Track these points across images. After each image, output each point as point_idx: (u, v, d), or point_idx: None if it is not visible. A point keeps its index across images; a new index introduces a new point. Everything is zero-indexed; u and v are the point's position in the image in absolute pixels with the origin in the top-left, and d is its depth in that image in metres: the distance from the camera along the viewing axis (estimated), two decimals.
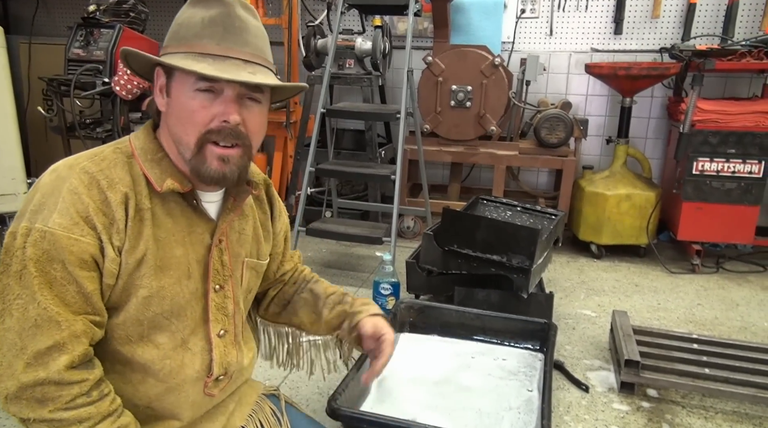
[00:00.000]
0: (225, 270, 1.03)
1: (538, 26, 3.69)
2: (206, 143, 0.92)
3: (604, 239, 3.27)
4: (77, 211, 0.86)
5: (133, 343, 0.94)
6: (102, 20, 3.39)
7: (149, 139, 0.98)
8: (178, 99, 0.92)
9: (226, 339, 1.04)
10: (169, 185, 0.94)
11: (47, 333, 0.84)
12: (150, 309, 0.93)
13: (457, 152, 3.49)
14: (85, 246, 0.86)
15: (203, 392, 1.03)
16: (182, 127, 0.92)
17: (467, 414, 1.77)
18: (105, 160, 0.92)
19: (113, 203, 0.89)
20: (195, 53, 0.90)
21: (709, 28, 3.43)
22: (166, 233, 0.95)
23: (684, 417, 1.90)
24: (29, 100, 4.03)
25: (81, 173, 0.89)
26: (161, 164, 0.95)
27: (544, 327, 2.12)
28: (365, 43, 3.39)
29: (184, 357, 0.99)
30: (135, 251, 0.91)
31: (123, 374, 0.96)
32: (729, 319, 2.62)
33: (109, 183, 0.90)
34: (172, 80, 0.93)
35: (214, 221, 1.02)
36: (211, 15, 0.91)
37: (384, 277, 2.54)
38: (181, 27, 0.93)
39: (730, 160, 2.98)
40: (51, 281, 0.85)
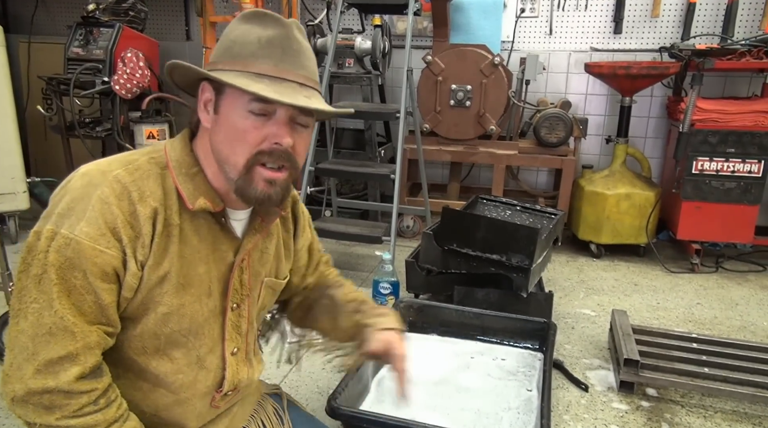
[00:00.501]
0: (243, 290, 1.02)
1: (537, 25, 3.69)
2: (255, 165, 0.90)
3: (603, 238, 3.27)
4: (105, 221, 0.84)
5: (148, 355, 0.94)
6: (101, 19, 3.39)
7: (185, 151, 0.95)
8: (228, 117, 0.89)
9: (239, 357, 1.05)
10: (201, 204, 0.92)
11: (61, 342, 0.83)
12: (168, 326, 0.93)
13: (456, 151, 3.49)
14: (108, 258, 0.85)
15: (210, 405, 1.04)
16: (231, 146, 0.90)
17: (466, 414, 1.77)
18: (139, 170, 0.90)
19: (141, 217, 0.87)
20: (251, 73, 0.88)
21: (709, 28, 3.43)
22: (191, 250, 0.93)
23: (683, 416, 1.90)
24: (29, 99, 4.02)
25: (114, 181, 0.86)
26: (195, 180, 0.93)
27: (543, 326, 2.12)
28: (365, 43, 3.39)
29: (198, 374, 0.99)
30: (159, 267, 0.90)
31: (134, 381, 0.96)
32: (728, 318, 2.62)
33: (140, 196, 0.87)
34: (222, 97, 0.90)
35: (239, 240, 1.00)
36: (269, 35, 0.90)
37: (383, 276, 2.54)
38: (234, 44, 0.90)
39: (730, 159, 2.98)
40: (70, 289, 0.84)
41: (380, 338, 1.17)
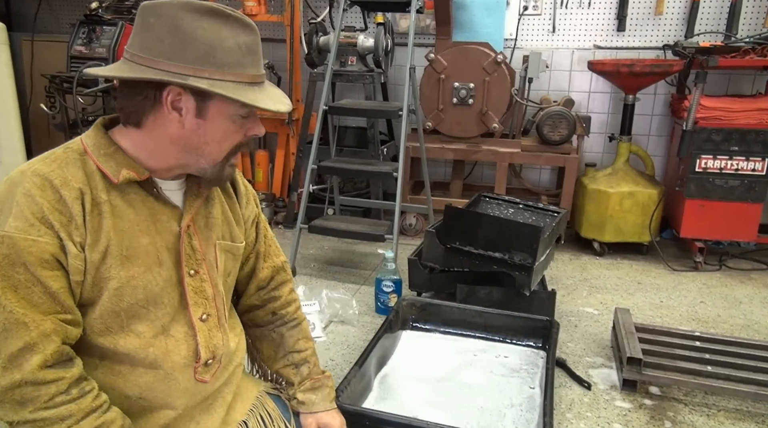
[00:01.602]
0: (197, 255, 1.04)
1: (540, 23, 3.68)
2: (231, 155, 1.01)
3: (606, 236, 3.27)
4: (32, 212, 0.86)
5: (114, 334, 0.95)
6: (104, 17, 3.39)
7: (100, 135, 0.97)
8: (217, 122, 0.95)
9: (210, 323, 1.05)
10: (125, 175, 0.94)
11: (16, 334, 0.85)
12: (124, 300, 0.94)
13: (459, 149, 3.49)
14: (43, 246, 0.86)
15: (194, 378, 1.03)
16: (218, 145, 0.98)
17: (469, 412, 1.77)
18: (56, 160, 0.92)
19: (68, 200, 0.89)
20: (244, 83, 0.94)
21: (713, 25, 3.42)
22: (128, 223, 0.95)
23: (686, 415, 1.90)
24: (32, 97, 4.04)
25: (33, 175, 0.89)
26: (115, 157, 0.95)
27: (546, 324, 2.12)
28: (367, 41, 3.39)
29: (168, 344, 0.99)
30: (97, 244, 0.91)
31: (111, 367, 0.96)
32: (732, 317, 2.61)
33: (62, 181, 0.90)
34: (209, 103, 0.93)
35: (179, 208, 1.02)
36: (247, 42, 0.94)
37: (386, 274, 2.54)
38: (215, 50, 0.90)
39: (734, 157, 2.97)
40: (15, 284, 0.85)
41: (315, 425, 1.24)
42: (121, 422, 0.93)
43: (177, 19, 0.89)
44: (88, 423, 0.88)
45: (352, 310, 2.50)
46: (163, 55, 0.89)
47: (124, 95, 0.94)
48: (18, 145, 3.22)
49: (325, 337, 2.36)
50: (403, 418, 1.53)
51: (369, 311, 2.61)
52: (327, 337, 2.37)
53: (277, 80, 3.89)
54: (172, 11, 0.89)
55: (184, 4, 0.90)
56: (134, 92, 0.93)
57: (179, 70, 0.89)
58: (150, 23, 0.90)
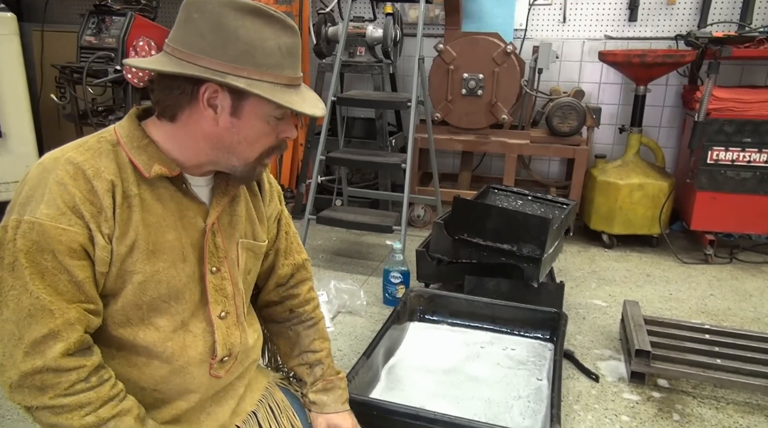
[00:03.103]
0: (219, 252, 1.04)
1: (551, 13, 3.64)
2: (264, 157, 1.01)
3: (615, 228, 3.25)
4: (64, 201, 0.87)
5: (134, 326, 0.96)
6: (114, 8, 3.39)
7: (134, 126, 0.97)
8: (251, 122, 0.95)
9: (228, 321, 1.05)
10: (157, 170, 0.94)
11: (41, 321, 0.86)
12: (147, 294, 0.95)
13: (468, 140, 3.47)
14: (73, 235, 0.87)
15: (209, 373, 1.04)
16: (250, 146, 0.97)
17: (476, 403, 1.78)
18: (90, 150, 0.92)
19: (100, 192, 0.89)
20: (281, 85, 0.93)
21: (726, 15, 3.37)
22: (156, 217, 0.95)
23: (695, 408, 1.89)
24: (42, 87, 4.05)
25: (66, 163, 0.89)
26: (147, 151, 0.95)
27: (554, 316, 2.12)
28: (376, 31, 3.37)
29: (186, 339, 1.00)
30: (125, 237, 0.92)
31: (128, 358, 0.97)
32: (742, 310, 2.60)
33: (94, 172, 0.90)
34: (244, 103, 0.93)
35: (205, 205, 1.03)
36: (287, 44, 0.93)
37: (394, 266, 2.54)
38: (256, 50, 0.90)
39: (746, 149, 2.94)
40: (43, 271, 0.86)
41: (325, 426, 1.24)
42: (137, 411, 0.94)
43: (220, 17, 0.89)
44: (105, 410, 0.89)
45: (360, 301, 2.51)
46: (203, 51, 0.89)
47: (162, 88, 0.94)
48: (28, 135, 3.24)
49: (333, 327, 2.37)
50: (410, 409, 1.54)
51: (377, 302, 2.62)
52: (335, 327, 2.38)
53: None
54: (216, 8, 0.89)
55: (229, 2, 0.89)
56: (172, 86, 0.92)
57: (218, 68, 0.89)
58: (193, 18, 0.90)
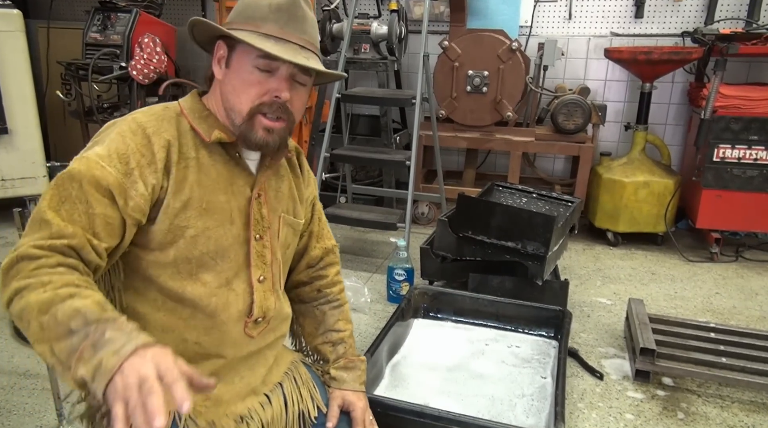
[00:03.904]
0: (264, 222, 1.11)
1: (556, 10, 3.63)
2: (256, 114, 1.02)
3: (620, 226, 3.24)
4: (116, 148, 0.95)
5: (183, 279, 1.02)
6: (119, 4, 3.40)
7: (196, 100, 1.08)
8: (237, 71, 1.02)
9: (266, 285, 1.12)
10: (217, 135, 1.03)
11: (40, 231, 0.90)
12: (197, 248, 1.02)
13: (472, 137, 3.46)
14: (106, 174, 0.93)
15: (243, 331, 1.10)
16: (237, 97, 1.02)
17: (480, 401, 1.78)
18: (155, 114, 1.03)
19: (155, 146, 0.98)
20: (260, 33, 1.00)
21: (734, 12, 3.35)
22: (210, 180, 1.04)
23: (700, 406, 1.89)
24: (48, 84, 4.06)
25: (131, 121, 1.00)
26: (208, 120, 1.06)
27: (558, 314, 2.11)
28: (381, 28, 3.36)
29: (229, 296, 1.07)
30: (180, 194, 1.00)
31: (174, 310, 1.03)
32: (747, 308, 2.59)
33: (155, 130, 0.99)
34: (233, 53, 1.03)
35: (253, 176, 1.11)
36: (279, 2, 1.01)
37: (398, 263, 2.54)
38: (248, 7, 1.02)
39: (753, 147, 2.92)
40: (65, 196, 0.91)
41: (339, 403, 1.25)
42: (99, 298, 0.84)
43: None
44: (64, 290, 0.82)
45: (364, 298, 2.51)
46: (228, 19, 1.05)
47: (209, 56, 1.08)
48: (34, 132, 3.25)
49: None
50: (414, 406, 1.54)
51: (381, 299, 2.62)
52: None
53: None
54: None
55: None
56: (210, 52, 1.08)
57: (223, 26, 1.03)
58: None
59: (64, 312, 0.79)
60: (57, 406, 1.73)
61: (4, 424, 1.74)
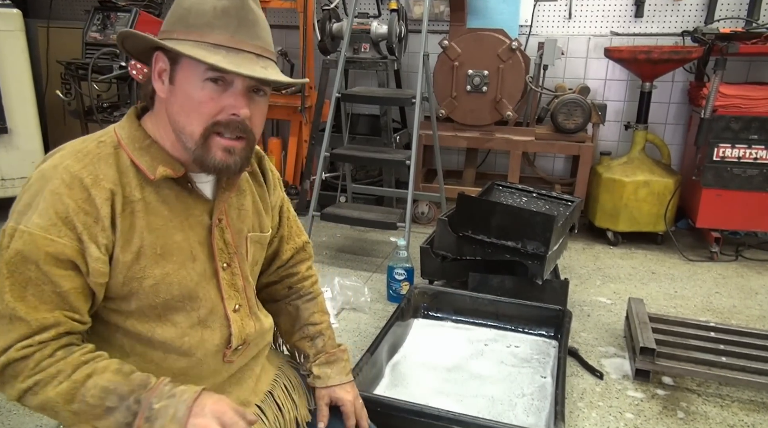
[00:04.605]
0: (229, 248, 1.03)
1: (556, 9, 3.63)
2: (212, 134, 0.91)
3: (620, 226, 3.24)
4: (56, 212, 0.85)
5: (151, 322, 0.96)
6: (119, 4, 3.40)
7: (134, 127, 0.96)
8: (183, 88, 0.90)
9: (242, 313, 1.06)
10: (162, 172, 0.92)
11: (17, 330, 0.85)
12: (159, 296, 0.94)
13: (472, 137, 3.46)
14: (61, 247, 0.85)
15: (222, 361, 1.05)
16: (187, 117, 0.90)
17: (480, 401, 1.78)
18: (88, 155, 0.90)
19: (98, 201, 0.87)
20: (207, 43, 0.88)
21: (734, 11, 3.35)
22: (162, 220, 0.94)
23: (700, 405, 1.89)
24: (47, 83, 4.06)
25: (63, 172, 0.87)
26: (150, 151, 0.93)
27: (558, 313, 2.11)
28: (381, 27, 3.36)
29: (203, 334, 1.00)
30: (130, 245, 0.90)
31: (144, 354, 0.97)
32: (747, 307, 2.59)
33: (93, 180, 0.88)
34: (177, 67, 0.90)
35: (210, 201, 1.01)
36: (224, 5, 0.89)
37: (398, 262, 2.54)
38: (189, 13, 0.89)
39: (753, 146, 2.92)
40: (26, 281, 0.85)
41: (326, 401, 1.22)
42: (116, 366, 0.89)
43: None
44: (79, 373, 0.86)
45: (364, 297, 2.51)
46: (163, 26, 0.93)
47: None
48: (34, 131, 3.25)
49: (337, 324, 2.37)
50: (413, 405, 1.54)
51: (381, 298, 2.62)
52: (339, 324, 2.38)
53: (290, 67, 3.88)
54: None
55: None
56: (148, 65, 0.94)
57: (159, 36, 0.90)
58: None
59: (93, 395, 0.84)
60: None
61: (5, 424, 1.74)
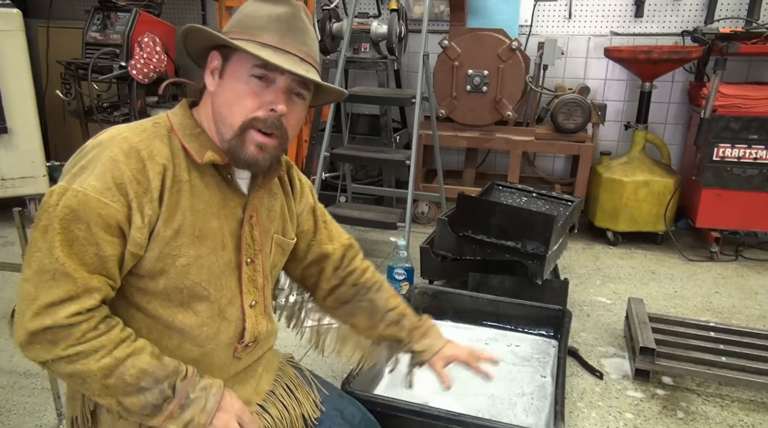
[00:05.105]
0: (255, 245, 1.08)
1: (556, 9, 3.63)
2: (249, 128, 0.97)
3: (620, 226, 3.24)
4: (113, 177, 0.89)
5: (174, 308, 0.99)
6: (119, 4, 3.40)
7: (186, 115, 1.02)
8: (231, 82, 0.97)
9: (257, 310, 1.10)
10: (209, 156, 0.98)
11: (63, 287, 0.87)
12: (189, 278, 0.97)
13: (472, 137, 3.46)
14: (113, 211, 0.89)
15: (232, 356, 1.08)
16: (229, 109, 0.97)
17: (480, 400, 1.78)
18: (145, 131, 0.97)
19: (150, 173, 0.92)
20: (257, 42, 0.96)
21: (733, 11, 3.35)
22: (203, 204, 0.99)
23: (699, 405, 1.89)
24: (48, 83, 4.06)
25: (122, 142, 0.93)
26: (199, 139, 1.00)
27: (558, 313, 2.11)
28: (381, 27, 3.36)
29: (221, 325, 1.04)
30: (172, 221, 0.95)
31: (159, 341, 0.99)
32: (747, 307, 2.59)
33: (149, 153, 0.93)
34: (228, 63, 0.98)
35: (245, 196, 1.06)
36: (278, 12, 0.98)
37: (398, 262, 2.54)
38: (246, 17, 0.98)
39: (752, 146, 2.92)
40: (72, 239, 0.87)
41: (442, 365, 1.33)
42: (151, 348, 0.95)
43: (242, 6, 1.01)
44: (120, 351, 0.90)
45: None
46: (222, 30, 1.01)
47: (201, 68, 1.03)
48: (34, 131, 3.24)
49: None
50: (413, 405, 1.54)
51: None
52: None
53: None
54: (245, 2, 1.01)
55: None
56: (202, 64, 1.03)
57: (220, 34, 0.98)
58: None
59: (131, 375, 0.90)
60: (57, 406, 1.73)
61: (4, 423, 1.75)
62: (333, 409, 1.25)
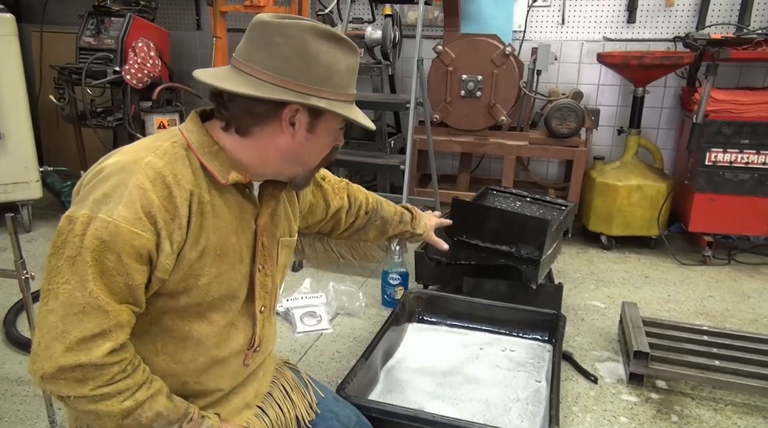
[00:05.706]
0: (265, 251, 1.10)
1: (549, 15, 3.65)
2: (323, 164, 1.10)
3: (614, 230, 3.25)
4: (142, 206, 0.88)
5: (191, 318, 1.01)
6: (112, 9, 3.39)
7: (202, 132, 1.00)
8: (323, 136, 1.04)
9: (265, 314, 1.13)
10: (234, 177, 0.99)
11: (95, 320, 0.86)
12: (210, 294, 1.00)
13: (466, 142, 3.47)
14: (144, 241, 0.88)
15: (243, 363, 1.11)
16: (316, 155, 1.06)
17: (475, 405, 1.78)
18: (167, 154, 0.94)
19: (178, 200, 0.92)
20: (348, 102, 1.03)
21: (725, 17, 3.38)
22: (224, 222, 1.00)
23: (693, 409, 1.89)
24: (41, 88, 4.05)
25: (147, 168, 0.91)
26: (219, 157, 0.99)
27: (552, 317, 2.12)
28: (375, 33, 3.37)
29: (231, 333, 1.07)
30: (197, 244, 0.96)
31: (173, 354, 1.01)
32: (740, 311, 2.60)
33: (174, 179, 0.92)
34: (320, 119, 1.01)
35: (257, 207, 1.08)
36: (352, 64, 1.02)
37: (393, 267, 2.54)
38: (333, 72, 0.98)
39: (744, 150, 2.94)
40: (103, 270, 0.87)
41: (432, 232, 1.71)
42: (166, 390, 0.97)
43: (304, 42, 0.95)
44: (141, 393, 0.92)
45: (359, 302, 2.51)
46: (288, 74, 0.95)
47: (242, 107, 0.96)
48: (27, 136, 3.23)
49: (331, 329, 2.37)
50: (408, 410, 1.54)
51: (375, 303, 2.62)
52: (333, 329, 2.37)
53: None
54: (299, 34, 0.95)
55: (309, 27, 0.96)
56: (255, 106, 0.96)
57: (303, 90, 0.96)
58: (276, 42, 0.95)
59: (148, 417, 0.92)
60: (49, 413, 1.71)
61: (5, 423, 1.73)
62: (329, 412, 1.27)
